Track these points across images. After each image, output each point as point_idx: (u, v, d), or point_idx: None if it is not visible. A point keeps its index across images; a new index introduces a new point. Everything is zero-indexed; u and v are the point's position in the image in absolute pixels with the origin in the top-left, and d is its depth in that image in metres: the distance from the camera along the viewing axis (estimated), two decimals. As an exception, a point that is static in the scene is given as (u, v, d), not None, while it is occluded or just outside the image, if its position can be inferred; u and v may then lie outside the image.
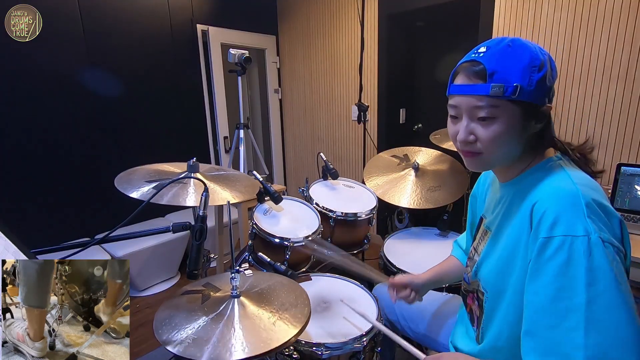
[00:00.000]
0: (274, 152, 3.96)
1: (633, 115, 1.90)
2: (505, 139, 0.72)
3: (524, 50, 0.71)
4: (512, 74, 0.69)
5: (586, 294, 0.59)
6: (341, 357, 1.12)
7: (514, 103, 0.70)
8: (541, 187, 0.72)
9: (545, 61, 0.71)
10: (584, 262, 0.59)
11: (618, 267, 0.60)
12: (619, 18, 1.86)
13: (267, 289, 1.07)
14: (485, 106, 0.71)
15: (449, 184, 1.79)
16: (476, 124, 0.73)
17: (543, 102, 0.72)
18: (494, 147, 0.73)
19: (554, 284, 0.62)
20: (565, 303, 0.60)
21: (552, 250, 0.63)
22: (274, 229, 1.49)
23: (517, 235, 0.74)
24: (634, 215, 1.63)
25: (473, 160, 0.78)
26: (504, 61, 0.70)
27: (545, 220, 0.65)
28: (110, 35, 2.59)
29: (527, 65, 0.69)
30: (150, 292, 2.64)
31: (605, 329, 0.58)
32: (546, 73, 0.70)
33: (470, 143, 0.75)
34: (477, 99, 0.71)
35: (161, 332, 0.88)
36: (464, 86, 0.73)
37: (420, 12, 2.72)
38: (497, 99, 0.70)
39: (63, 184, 2.48)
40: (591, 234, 0.60)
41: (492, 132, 0.72)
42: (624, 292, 0.59)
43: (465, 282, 0.96)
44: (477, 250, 0.91)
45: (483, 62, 0.71)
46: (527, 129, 0.73)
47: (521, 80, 0.69)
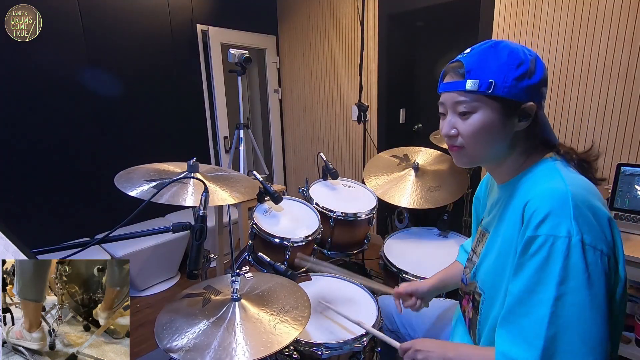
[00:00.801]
0: (274, 152, 3.96)
1: (633, 115, 1.90)
2: (484, 133, 0.76)
3: (504, 50, 0.75)
4: (487, 71, 0.73)
5: (556, 290, 0.63)
6: (341, 357, 1.12)
7: (492, 99, 0.74)
8: (534, 187, 0.73)
9: (526, 60, 0.74)
10: (560, 262, 0.63)
11: (595, 270, 0.63)
12: (619, 18, 1.86)
13: (268, 291, 1.07)
14: (464, 101, 0.76)
15: (449, 184, 1.79)
16: (457, 118, 0.79)
17: (523, 99, 0.74)
18: (474, 140, 0.77)
19: (532, 277, 0.66)
20: (538, 296, 0.65)
21: (535, 247, 0.66)
22: (274, 229, 1.49)
23: (510, 236, 0.75)
24: (634, 215, 1.63)
25: (457, 154, 0.82)
26: (482, 59, 0.75)
27: (533, 219, 0.67)
28: (110, 35, 2.59)
29: (503, 63, 0.73)
30: (150, 292, 2.64)
31: (567, 326, 0.62)
32: (526, 71, 0.73)
33: (452, 137, 0.80)
34: (457, 94, 0.77)
35: (162, 336, 0.88)
36: (447, 83, 0.79)
37: (420, 12, 2.72)
38: (474, 94, 0.74)
39: (63, 184, 2.48)
40: (573, 236, 0.63)
41: (470, 125, 0.77)
42: (594, 294, 0.62)
43: (463, 283, 0.96)
44: (475, 251, 0.92)
45: (463, 61, 0.77)
46: (508, 126, 0.76)
47: (495, 76, 0.73)
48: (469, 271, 0.93)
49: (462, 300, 0.96)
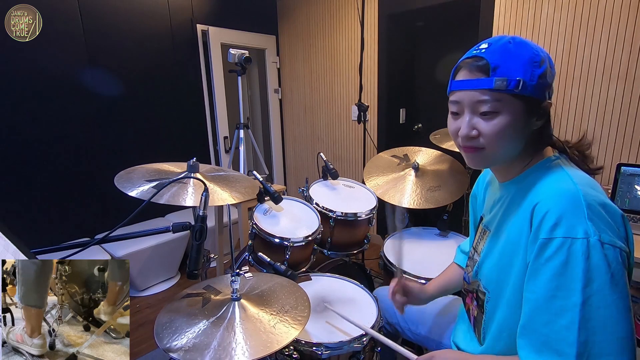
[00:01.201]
0: (274, 152, 3.96)
1: (633, 115, 1.90)
2: (507, 134, 0.72)
3: (525, 47, 0.73)
4: (514, 68, 0.70)
5: (582, 294, 0.60)
6: (341, 357, 1.12)
7: (517, 97, 0.70)
8: (542, 187, 0.72)
9: (544, 58, 0.73)
10: (581, 264, 0.61)
11: (617, 268, 0.61)
12: (619, 18, 1.86)
13: (267, 291, 1.07)
14: (488, 100, 0.71)
15: (449, 184, 1.79)
16: (479, 118, 0.73)
17: (544, 98, 0.73)
18: (496, 142, 0.73)
19: (551, 282, 0.64)
20: (561, 302, 0.62)
21: (551, 251, 0.64)
22: (274, 229, 1.49)
23: (517, 236, 0.74)
24: (634, 215, 1.63)
25: (475, 156, 0.77)
26: (506, 56, 0.71)
27: (546, 222, 0.65)
28: (110, 35, 2.59)
29: (528, 61, 0.70)
30: (150, 292, 2.64)
31: (598, 328, 0.60)
32: (546, 69, 0.72)
33: (472, 138, 0.75)
34: (481, 92, 0.71)
35: (162, 336, 0.88)
36: (467, 81, 0.73)
37: (420, 12, 2.72)
38: (501, 92, 0.70)
39: (63, 184, 2.48)
40: (590, 236, 0.61)
41: (495, 126, 0.72)
42: (619, 292, 0.60)
43: (466, 282, 0.96)
44: (476, 249, 0.91)
45: (486, 57, 0.72)
46: (529, 125, 0.74)
47: (523, 74, 0.69)
48: (470, 269, 0.92)
49: (466, 298, 0.95)
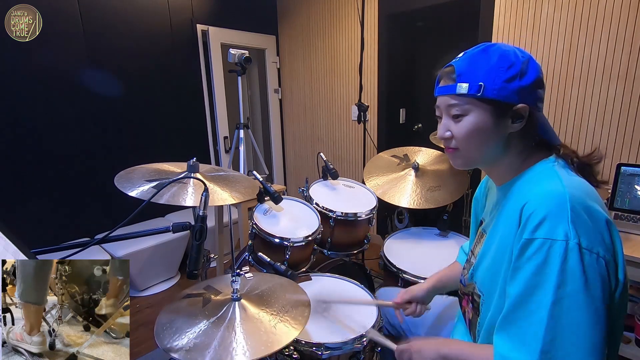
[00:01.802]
0: (274, 152, 3.96)
1: (633, 115, 1.90)
2: (476, 135, 0.77)
3: (494, 53, 0.75)
4: (477, 74, 0.74)
5: (554, 294, 0.63)
6: (341, 357, 1.12)
7: (483, 101, 0.75)
8: (532, 189, 0.73)
9: (517, 62, 0.74)
10: (557, 265, 0.63)
11: (592, 274, 0.63)
12: (619, 18, 1.86)
13: (268, 291, 1.07)
14: (456, 104, 0.77)
15: (449, 184, 1.79)
16: (451, 121, 0.80)
17: (514, 101, 0.74)
18: (467, 142, 0.79)
19: (530, 281, 0.66)
20: (536, 299, 0.65)
21: (532, 250, 0.66)
22: (274, 229, 1.49)
23: (507, 237, 0.75)
24: (634, 215, 1.63)
25: (453, 156, 0.84)
26: (472, 63, 0.76)
27: (531, 222, 0.67)
28: (110, 35, 2.59)
29: (493, 66, 0.74)
30: (150, 292, 2.64)
31: (565, 330, 0.63)
32: (516, 73, 0.73)
33: (447, 139, 0.82)
34: (450, 97, 0.78)
35: (162, 336, 0.88)
36: (441, 87, 0.81)
37: (420, 12, 2.72)
38: (465, 97, 0.76)
39: (63, 184, 2.48)
40: (570, 239, 0.63)
41: (462, 127, 0.78)
42: (591, 298, 0.62)
43: (462, 285, 0.96)
44: (474, 252, 0.92)
45: (455, 65, 0.78)
46: (501, 127, 0.76)
47: (485, 79, 0.74)
48: (467, 272, 0.93)
49: (462, 300, 0.96)
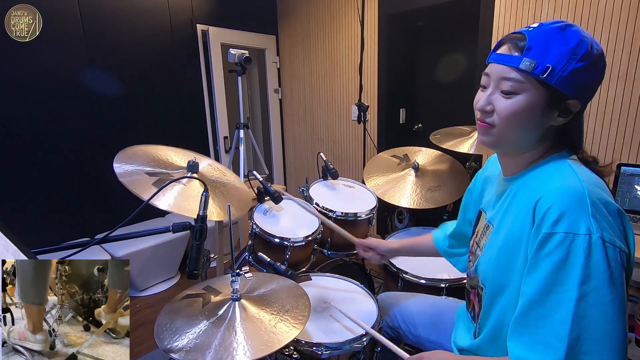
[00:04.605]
0: (274, 152, 3.96)
1: (633, 115, 1.90)
2: (520, 118, 0.71)
3: (574, 36, 0.68)
4: (549, 53, 0.67)
5: (578, 290, 0.60)
6: (341, 357, 1.12)
7: (541, 84, 0.69)
8: (546, 182, 0.71)
9: (591, 54, 0.68)
10: (581, 260, 0.61)
11: (616, 268, 0.61)
12: (619, 18, 1.86)
13: (268, 291, 1.07)
14: (512, 79, 0.70)
15: (449, 184, 1.79)
16: (499, 95, 0.73)
17: (570, 94, 0.69)
18: (506, 123, 0.73)
19: (549, 277, 0.63)
20: (557, 296, 0.62)
21: (552, 245, 0.63)
22: (274, 229, 1.49)
23: (519, 231, 0.73)
24: (634, 215, 1.63)
25: (485, 131, 0.77)
26: (547, 40, 0.68)
27: (549, 217, 0.65)
28: (110, 35, 2.59)
29: (567, 51, 0.67)
30: (150, 292, 2.64)
31: (591, 326, 0.60)
32: (587, 66, 0.67)
33: (486, 112, 0.75)
34: (508, 69, 0.71)
35: (162, 337, 0.88)
36: (501, 55, 0.73)
37: (420, 12, 2.72)
38: (526, 74, 0.69)
39: (63, 184, 2.48)
40: (593, 233, 0.61)
41: (510, 106, 0.71)
42: (616, 292, 0.60)
43: (468, 278, 0.96)
44: (479, 245, 0.90)
45: (527, 35, 0.70)
46: (547, 117, 0.72)
47: (555, 62, 0.67)
48: (472, 265, 0.91)
49: (470, 294, 0.95)
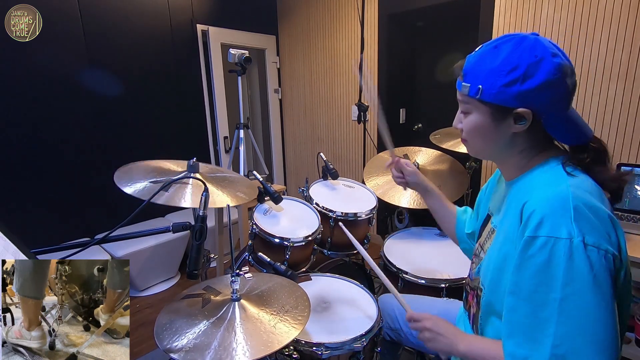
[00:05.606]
0: (274, 152, 3.96)
1: (633, 115, 1.90)
2: (477, 133, 0.81)
3: (502, 52, 0.72)
4: (479, 75, 0.75)
5: (561, 291, 0.63)
6: (341, 357, 1.12)
7: (482, 103, 0.76)
8: (534, 187, 0.74)
9: (521, 65, 0.70)
10: (563, 263, 0.63)
11: (600, 270, 0.62)
12: (619, 18, 1.86)
13: (267, 291, 1.07)
14: (462, 101, 0.82)
15: (449, 184, 1.79)
16: (462, 114, 0.84)
17: (513, 105, 0.72)
18: (471, 137, 0.83)
19: (534, 278, 0.66)
20: (542, 296, 0.65)
21: (535, 248, 0.66)
22: (274, 229, 1.49)
23: (511, 233, 0.75)
24: (634, 215, 1.63)
25: (465, 145, 0.89)
26: (479, 61, 0.76)
27: (532, 220, 0.67)
28: (110, 35, 2.59)
29: (494, 69, 0.72)
30: (150, 292, 2.64)
31: (575, 327, 0.62)
32: (517, 77, 0.70)
33: (460, 130, 0.86)
34: (459, 93, 0.82)
35: (162, 337, 0.88)
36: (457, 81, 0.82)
37: (420, 12, 2.72)
38: (466, 96, 0.78)
39: (63, 184, 2.48)
40: (574, 237, 0.63)
41: (467, 124, 0.82)
42: (601, 294, 0.62)
43: (469, 279, 0.97)
44: (483, 248, 0.91)
45: (467, 60, 0.79)
46: (504, 127, 0.77)
47: (484, 82, 0.74)
48: (475, 266, 0.92)
49: (468, 296, 0.96)
